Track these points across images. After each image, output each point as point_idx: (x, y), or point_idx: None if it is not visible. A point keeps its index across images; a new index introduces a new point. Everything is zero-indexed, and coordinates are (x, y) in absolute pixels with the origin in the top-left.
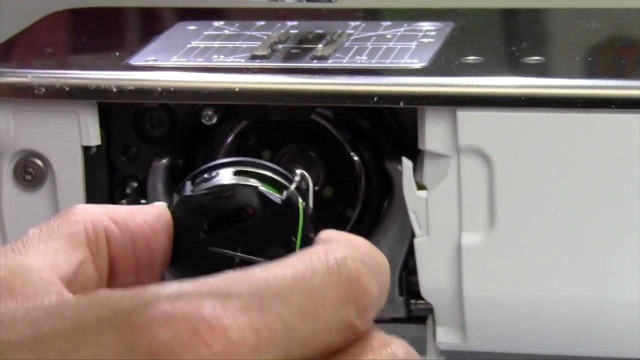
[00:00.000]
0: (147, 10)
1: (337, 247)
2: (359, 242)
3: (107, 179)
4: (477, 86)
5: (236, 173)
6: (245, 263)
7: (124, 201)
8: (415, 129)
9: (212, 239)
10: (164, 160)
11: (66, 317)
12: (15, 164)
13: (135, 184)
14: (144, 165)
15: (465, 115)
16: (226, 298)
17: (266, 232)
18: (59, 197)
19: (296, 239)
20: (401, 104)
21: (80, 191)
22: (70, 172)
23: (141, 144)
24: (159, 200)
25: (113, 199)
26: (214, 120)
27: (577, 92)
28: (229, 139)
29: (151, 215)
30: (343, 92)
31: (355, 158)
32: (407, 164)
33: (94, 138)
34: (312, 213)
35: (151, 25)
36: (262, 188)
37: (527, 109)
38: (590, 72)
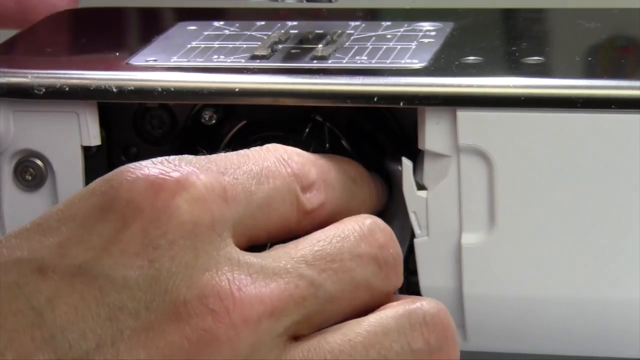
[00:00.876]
0: (147, 10)
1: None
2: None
3: None
4: (477, 86)
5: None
6: None
7: None
8: (415, 129)
9: None
10: None
11: (68, 200)
12: (15, 164)
13: None
14: None
15: (465, 115)
16: (189, 163)
17: None
18: (59, 197)
19: None
20: (401, 104)
21: None
22: (70, 172)
23: (141, 144)
24: None
25: None
26: (214, 120)
27: (577, 92)
28: (229, 139)
29: None
30: (343, 92)
31: (355, 158)
32: (407, 164)
33: (94, 138)
34: (327, 150)
35: (151, 25)
36: (284, 136)
37: (527, 109)
38: (590, 72)
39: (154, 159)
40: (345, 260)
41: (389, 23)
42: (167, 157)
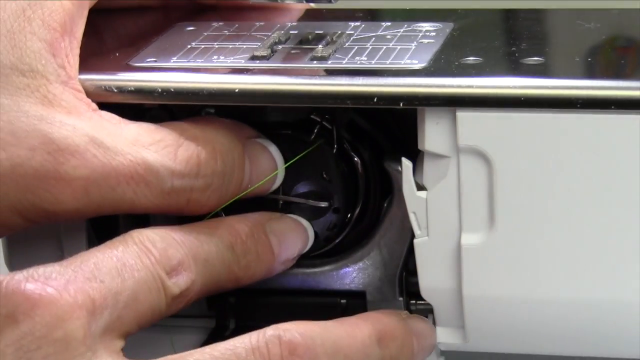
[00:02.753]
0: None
1: None
2: None
3: None
4: (477, 87)
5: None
6: (287, 204)
7: None
8: (415, 129)
9: None
10: None
11: None
12: None
13: None
14: None
15: (465, 116)
16: (60, 275)
17: (301, 173)
18: None
19: (327, 175)
20: (401, 104)
21: None
22: None
23: None
24: None
25: None
26: None
27: (577, 93)
28: None
29: None
30: (343, 93)
31: (355, 158)
32: (406, 164)
33: None
34: (335, 151)
35: (151, 25)
36: (292, 135)
37: (527, 109)
38: (590, 72)
39: (24, 271)
40: None
41: (388, 23)
42: (36, 269)
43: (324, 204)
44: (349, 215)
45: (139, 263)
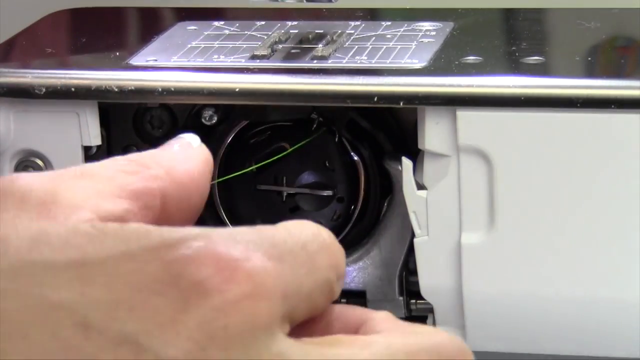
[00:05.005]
0: (147, 10)
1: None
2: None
3: None
4: (477, 86)
5: None
6: (290, 195)
7: None
8: (415, 128)
9: (259, 177)
10: None
11: (108, 245)
12: (16, 164)
13: None
14: None
15: (465, 115)
16: (257, 247)
17: (304, 163)
18: None
19: (330, 164)
20: (401, 104)
21: None
22: None
23: (141, 144)
24: None
25: None
26: (214, 120)
27: (577, 92)
28: (229, 139)
29: (195, 167)
30: (343, 92)
31: (355, 158)
32: (407, 163)
33: (94, 138)
34: (337, 140)
35: (151, 25)
36: (294, 126)
37: (527, 109)
38: (590, 72)
39: (219, 232)
40: None
41: (388, 23)
42: (232, 234)
43: (327, 193)
44: (352, 207)
45: (321, 262)
